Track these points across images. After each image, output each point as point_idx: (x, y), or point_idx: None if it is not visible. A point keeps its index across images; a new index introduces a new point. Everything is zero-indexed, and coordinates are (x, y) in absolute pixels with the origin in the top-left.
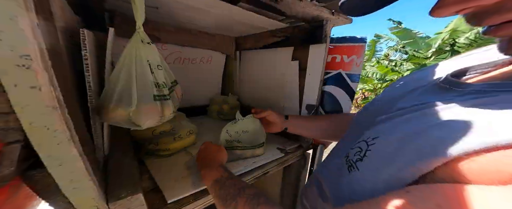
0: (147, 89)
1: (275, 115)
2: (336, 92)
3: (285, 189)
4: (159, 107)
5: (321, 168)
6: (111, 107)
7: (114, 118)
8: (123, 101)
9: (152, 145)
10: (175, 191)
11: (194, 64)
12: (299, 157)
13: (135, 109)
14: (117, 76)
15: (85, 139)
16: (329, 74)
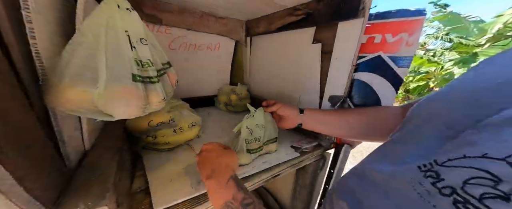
0: (122, 66)
1: (287, 108)
2: (373, 80)
3: (297, 192)
4: (142, 92)
5: (359, 180)
6: (63, 85)
7: (69, 101)
8: (83, 78)
9: (150, 138)
10: (167, 195)
11: (201, 51)
12: (317, 157)
13: (102, 91)
14: (78, 45)
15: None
16: (363, 59)
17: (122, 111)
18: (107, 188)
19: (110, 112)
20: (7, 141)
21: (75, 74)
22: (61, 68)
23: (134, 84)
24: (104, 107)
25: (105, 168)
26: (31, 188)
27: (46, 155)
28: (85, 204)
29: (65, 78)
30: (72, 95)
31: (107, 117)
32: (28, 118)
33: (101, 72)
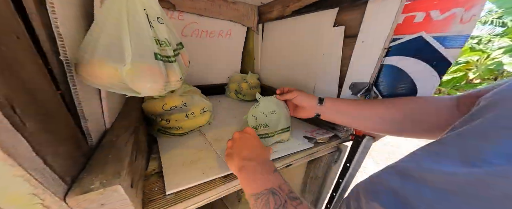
0: (145, 45)
1: (305, 97)
2: (409, 65)
3: (308, 184)
4: (163, 70)
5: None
6: (95, 62)
7: (99, 77)
8: (112, 56)
9: (164, 121)
10: (179, 178)
11: (212, 38)
12: (332, 149)
13: (130, 68)
14: (102, 23)
15: (29, 99)
16: (397, 41)
17: (148, 88)
18: (122, 166)
19: (136, 88)
20: (29, 111)
21: (105, 52)
22: (91, 46)
23: (156, 62)
24: (131, 84)
25: (121, 147)
26: (51, 162)
27: (68, 131)
28: (100, 181)
29: (95, 56)
30: (103, 72)
31: (135, 93)
32: (51, 93)
33: (126, 50)
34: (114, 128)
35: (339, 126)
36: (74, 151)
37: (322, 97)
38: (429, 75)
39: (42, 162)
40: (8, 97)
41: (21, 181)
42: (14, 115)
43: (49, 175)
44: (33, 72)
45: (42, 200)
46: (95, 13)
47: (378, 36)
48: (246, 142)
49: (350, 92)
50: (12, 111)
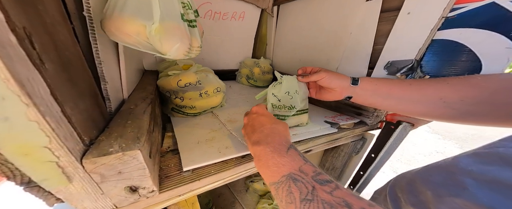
0: (172, 4)
1: (334, 78)
2: (473, 38)
3: None
4: (188, 32)
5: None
6: (125, 18)
7: (127, 33)
8: (141, 13)
9: (178, 99)
10: (195, 156)
11: (225, 21)
12: (355, 138)
13: (159, 26)
14: None
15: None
16: (457, 11)
17: (176, 47)
18: (141, 133)
19: (164, 48)
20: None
21: (134, 9)
22: (120, 2)
23: (182, 23)
24: (159, 43)
25: (139, 115)
26: (70, 114)
27: (88, 87)
28: (120, 145)
29: (126, 12)
30: (132, 28)
31: (159, 53)
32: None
33: (155, 8)
34: (132, 98)
35: (367, 111)
36: (93, 111)
37: (359, 77)
38: (501, 48)
39: (60, 110)
40: (27, 30)
41: (36, 128)
42: (33, 50)
43: (66, 128)
44: (56, 18)
45: (57, 158)
46: None
47: (433, 5)
48: (253, 124)
49: (385, 72)
50: (30, 45)
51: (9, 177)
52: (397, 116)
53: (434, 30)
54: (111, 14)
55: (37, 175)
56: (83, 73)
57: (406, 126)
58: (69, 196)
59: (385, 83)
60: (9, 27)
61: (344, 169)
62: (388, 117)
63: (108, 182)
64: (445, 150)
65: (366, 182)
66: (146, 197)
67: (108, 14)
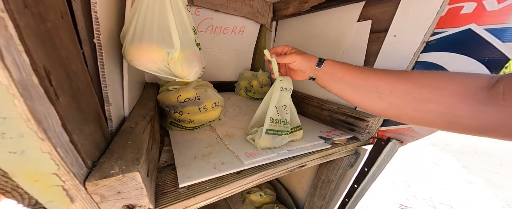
0: (188, 32)
1: (304, 61)
2: (451, 62)
3: (318, 188)
4: (200, 56)
5: None
6: (153, 46)
7: (153, 60)
8: (166, 42)
9: (177, 114)
10: (191, 172)
11: (226, 35)
12: (349, 152)
13: (181, 53)
14: (151, 11)
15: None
16: (438, 35)
17: (194, 72)
18: (140, 154)
19: (183, 73)
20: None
21: (161, 38)
22: (149, 32)
23: (197, 49)
24: (180, 68)
25: (139, 135)
26: (77, 141)
27: (94, 112)
28: (120, 167)
29: (153, 41)
30: (159, 56)
31: (177, 77)
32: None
33: (174, 37)
34: (132, 116)
35: (359, 127)
36: (96, 134)
37: (326, 59)
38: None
39: (68, 140)
40: (46, 68)
41: (47, 158)
42: (50, 86)
43: (73, 155)
44: (70, 50)
45: (63, 182)
46: (140, 1)
47: (416, 30)
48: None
49: None
50: (49, 83)
51: (18, 201)
52: (388, 132)
53: (417, 53)
54: (138, 44)
55: (44, 197)
56: (90, 99)
57: (395, 142)
58: None
59: (342, 69)
60: (32, 69)
61: (339, 182)
62: (379, 133)
63: (107, 202)
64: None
65: (360, 195)
66: None
67: (134, 44)
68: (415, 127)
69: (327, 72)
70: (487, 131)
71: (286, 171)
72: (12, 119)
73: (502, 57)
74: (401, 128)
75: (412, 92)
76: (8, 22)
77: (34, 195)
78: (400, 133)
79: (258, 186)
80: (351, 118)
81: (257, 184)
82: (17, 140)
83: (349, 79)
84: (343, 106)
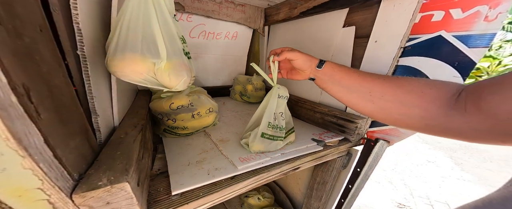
0: (175, 41)
1: (306, 59)
2: (426, 65)
3: (314, 189)
4: (190, 65)
5: None
6: (137, 57)
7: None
8: (152, 52)
9: (170, 121)
10: (184, 179)
11: (219, 40)
12: (341, 154)
13: (167, 63)
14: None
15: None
16: (414, 41)
17: (182, 82)
18: (130, 164)
19: (171, 83)
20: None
21: (146, 48)
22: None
23: (185, 58)
24: (168, 78)
25: (129, 145)
26: (61, 156)
27: (79, 125)
28: (108, 178)
29: (137, 52)
30: (144, 67)
31: (164, 87)
32: (66, 86)
33: (160, 46)
34: (122, 125)
35: (349, 129)
36: (83, 146)
37: (326, 60)
38: (450, 77)
39: (52, 155)
40: (25, 86)
41: (30, 174)
42: (30, 104)
43: (57, 170)
44: (51, 64)
45: (48, 196)
46: (124, 9)
47: (393, 36)
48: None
49: None
50: (28, 100)
51: None
52: (375, 133)
53: (396, 58)
54: (121, 55)
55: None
56: (75, 112)
57: (382, 143)
58: None
59: (341, 71)
60: (10, 88)
61: (334, 183)
62: (368, 134)
63: None
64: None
65: (355, 195)
66: None
67: (117, 55)
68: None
69: (327, 73)
70: (455, 134)
71: (280, 174)
72: None
73: (469, 61)
74: (387, 128)
75: (400, 96)
76: None
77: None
78: (387, 134)
79: (256, 189)
80: (341, 120)
81: (251, 188)
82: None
83: (346, 82)
84: (334, 109)
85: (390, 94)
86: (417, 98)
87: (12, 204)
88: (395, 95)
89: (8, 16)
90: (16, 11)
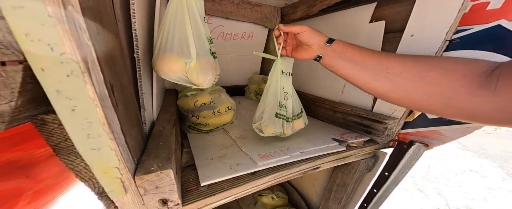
0: (203, 43)
1: (314, 33)
2: None
3: (333, 191)
4: (215, 64)
5: None
6: (173, 57)
7: (173, 70)
8: (184, 53)
9: (194, 118)
10: (210, 172)
11: (236, 41)
12: (366, 156)
13: (196, 62)
14: (173, 23)
15: (119, 87)
16: (463, 33)
17: (208, 79)
18: (171, 154)
19: (199, 81)
20: (119, 96)
21: (180, 49)
22: (168, 45)
23: (211, 57)
24: (196, 76)
25: (167, 137)
26: (128, 141)
27: (136, 117)
28: (157, 165)
29: (173, 53)
30: (178, 66)
31: (193, 84)
32: (129, 84)
33: (192, 48)
34: (159, 120)
35: (376, 130)
36: (138, 136)
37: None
38: None
39: (124, 140)
40: (111, 82)
41: (113, 154)
42: (113, 97)
43: (126, 153)
44: (121, 65)
45: (121, 175)
46: (165, 16)
47: (436, 29)
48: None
49: None
50: (112, 94)
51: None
52: (410, 135)
53: (440, 52)
54: (162, 55)
55: (108, 187)
56: (133, 106)
57: (419, 146)
58: (123, 205)
59: (353, 48)
60: (105, 83)
61: (356, 186)
62: (400, 136)
63: (148, 195)
64: (481, 169)
65: (381, 200)
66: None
67: (160, 55)
68: (442, 129)
69: (337, 50)
70: (475, 115)
71: (300, 173)
72: (94, 123)
73: None
74: (426, 130)
75: (422, 72)
76: (92, 49)
77: (102, 184)
78: (425, 136)
79: (269, 188)
80: (367, 120)
81: (271, 184)
82: (96, 140)
83: (359, 59)
84: (357, 108)
85: (411, 71)
86: (441, 75)
87: (100, 179)
88: (417, 72)
89: (101, 27)
90: (104, 23)
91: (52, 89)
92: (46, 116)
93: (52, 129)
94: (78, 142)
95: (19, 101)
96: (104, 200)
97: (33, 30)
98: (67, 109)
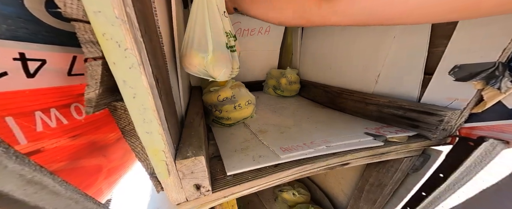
0: (220, 37)
1: None
2: None
3: (365, 190)
4: (230, 57)
5: None
6: (192, 53)
7: (193, 65)
8: (202, 48)
9: (217, 112)
10: (234, 163)
11: (253, 36)
12: (412, 153)
13: (212, 56)
14: (194, 22)
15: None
16: None
17: (223, 72)
18: (201, 142)
19: (215, 73)
20: (162, 87)
21: (198, 45)
22: (190, 41)
23: (227, 51)
24: (212, 70)
25: (197, 128)
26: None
27: (173, 108)
28: (192, 151)
29: (193, 49)
30: (196, 60)
31: (211, 77)
32: (167, 77)
33: (209, 43)
34: (189, 112)
35: (427, 123)
36: (176, 124)
37: None
38: None
39: (167, 127)
40: (157, 75)
41: (160, 138)
42: (158, 88)
43: (169, 138)
44: (161, 60)
45: (166, 158)
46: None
47: None
48: None
49: (451, 78)
50: (158, 85)
51: (145, 168)
52: (477, 130)
53: None
54: (185, 52)
55: (157, 168)
56: (172, 98)
57: (493, 144)
58: (167, 186)
59: None
60: (153, 75)
61: (397, 187)
62: (462, 131)
63: (185, 179)
64: None
65: (431, 206)
66: (204, 195)
67: (185, 52)
68: None
69: None
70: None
71: (326, 168)
72: (148, 109)
73: None
74: (504, 124)
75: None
76: (143, 45)
77: (153, 165)
78: (503, 131)
79: (290, 184)
80: (413, 112)
81: (295, 178)
82: (149, 124)
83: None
84: (398, 99)
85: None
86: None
87: (151, 160)
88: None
89: (147, 27)
90: (149, 23)
91: (120, 79)
92: (117, 103)
93: (120, 114)
94: (138, 125)
95: (101, 89)
96: (154, 180)
97: (107, 30)
98: (130, 96)
